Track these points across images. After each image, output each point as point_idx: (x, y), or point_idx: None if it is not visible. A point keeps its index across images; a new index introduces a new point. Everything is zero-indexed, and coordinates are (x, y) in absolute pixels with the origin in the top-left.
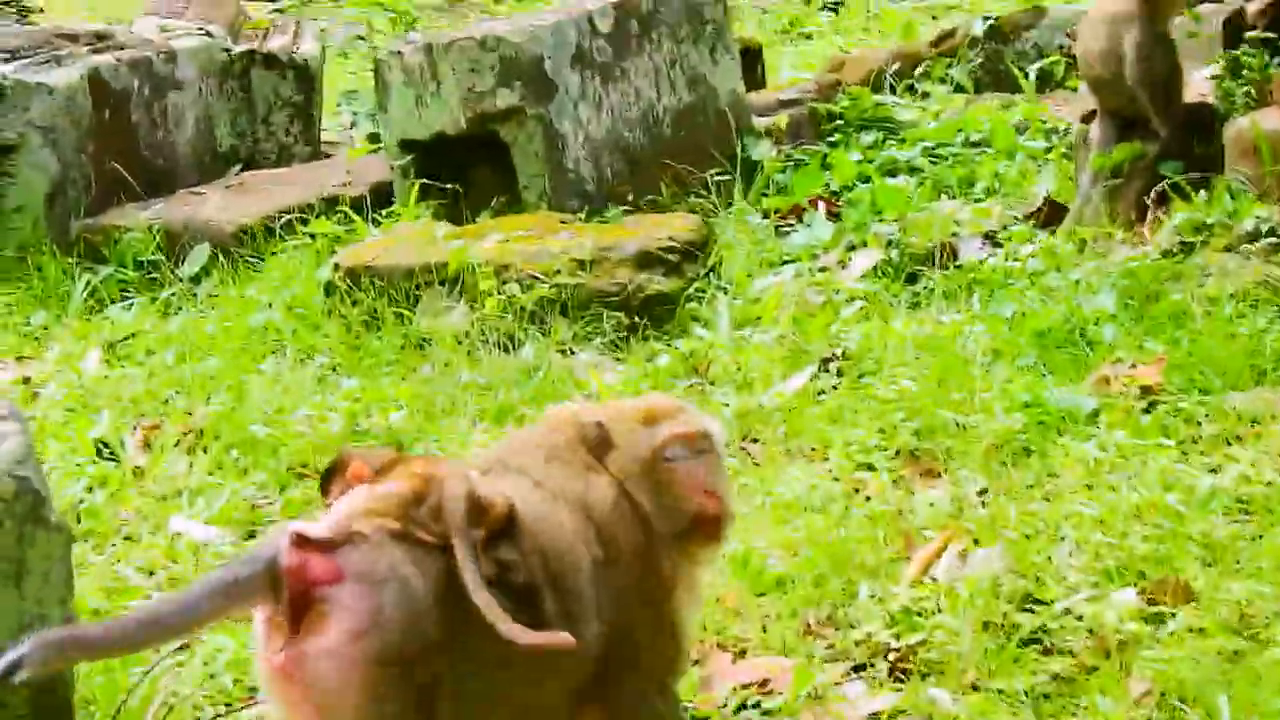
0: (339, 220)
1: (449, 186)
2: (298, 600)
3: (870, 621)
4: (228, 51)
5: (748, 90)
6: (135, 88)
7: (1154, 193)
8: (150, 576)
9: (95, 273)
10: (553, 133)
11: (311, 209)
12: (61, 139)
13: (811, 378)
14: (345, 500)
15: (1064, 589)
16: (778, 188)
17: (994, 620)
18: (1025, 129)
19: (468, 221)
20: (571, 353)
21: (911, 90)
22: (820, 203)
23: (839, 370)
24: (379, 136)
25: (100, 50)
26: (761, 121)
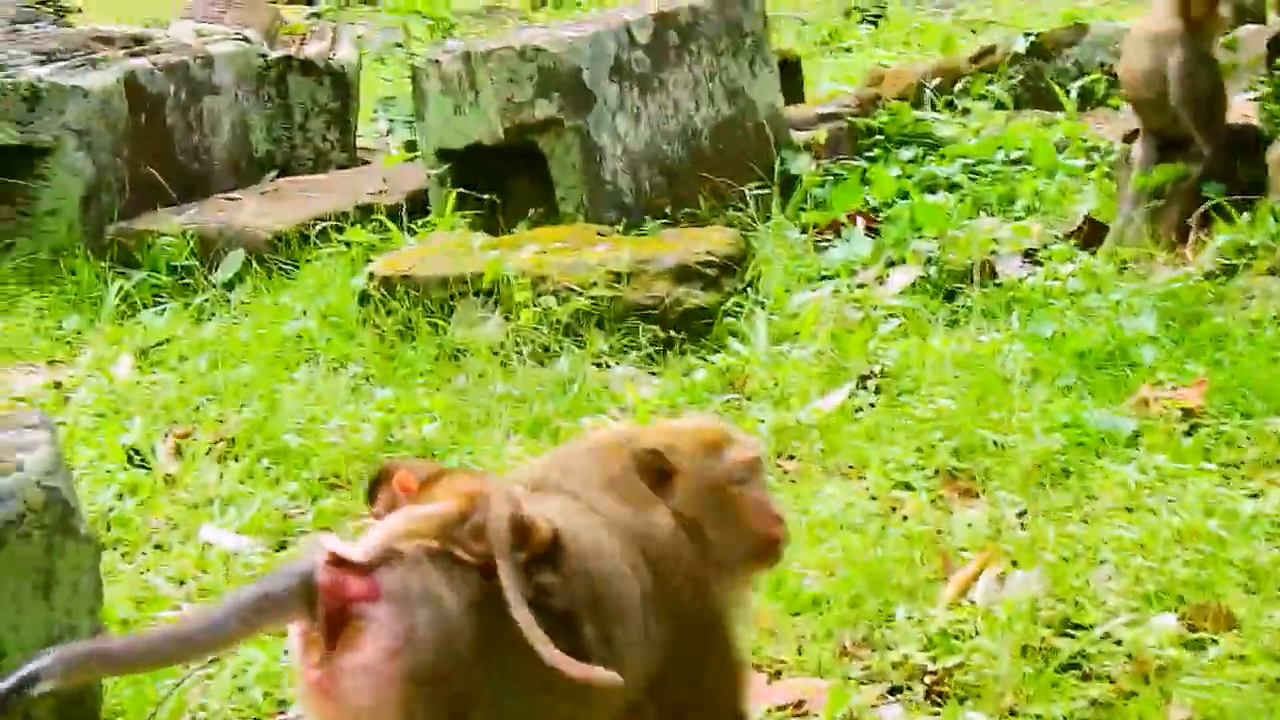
0: (374, 228)
1: (486, 196)
2: (334, 617)
3: (907, 643)
4: (264, 57)
5: (786, 103)
6: (171, 92)
7: (1197, 214)
8: (180, 586)
9: (128, 277)
10: (590, 144)
11: (347, 216)
12: (97, 142)
13: (849, 395)
14: (385, 522)
15: (1103, 613)
16: (816, 203)
17: (1032, 644)
18: (1066, 147)
19: (504, 232)
20: (607, 366)
21: (951, 106)
22: (859, 218)
23: (877, 388)
24: (415, 144)
25: (137, 54)
26: (800, 135)
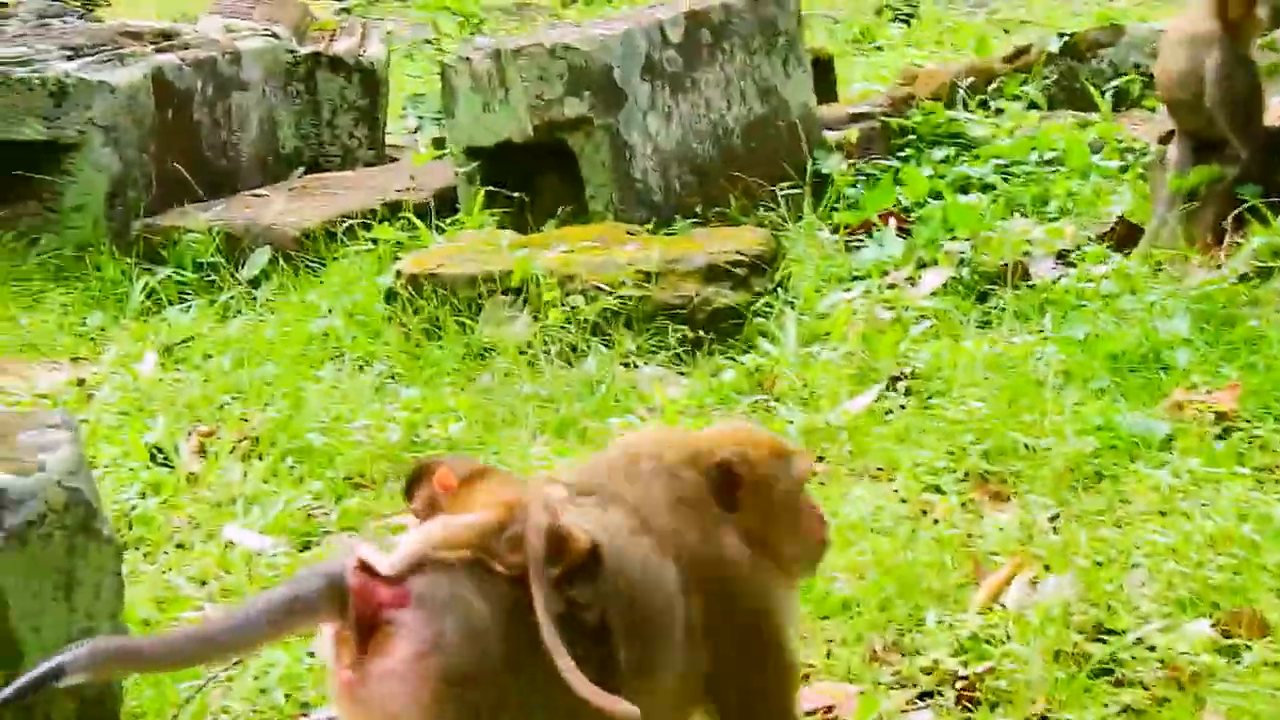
0: (402, 226)
1: (514, 195)
2: (364, 621)
3: (937, 648)
4: (293, 53)
5: (818, 102)
6: (199, 88)
7: (1232, 216)
8: (202, 586)
9: (154, 274)
10: (621, 143)
11: (374, 214)
12: (123, 138)
13: (879, 396)
14: (420, 531)
15: (1136, 619)
16: (848, 202)
17: (1064, 649)
18: (1100, 148)
19: (532, 230)
20: (635, 366)
21: (985, 106)
22: (891, 219)
23: (907, 389)
24: (444, 142)
25: (164, 49)
26: (832, 135)
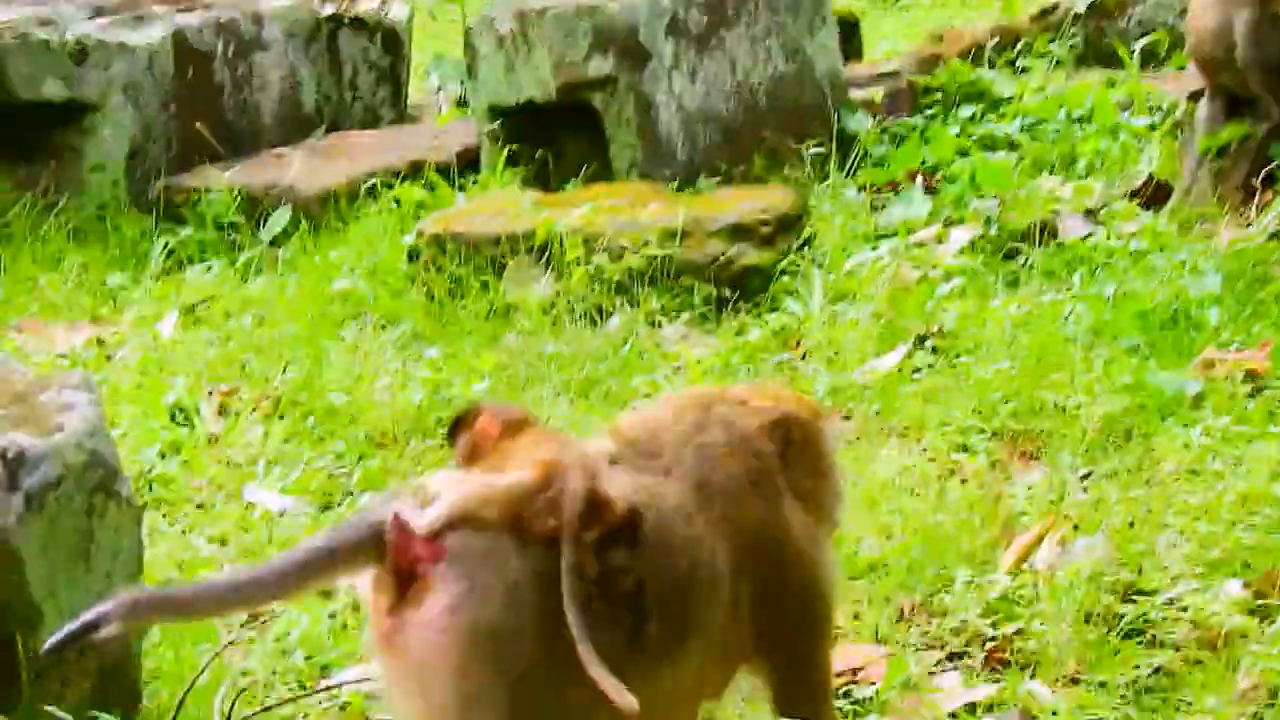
0: (424, 185)
1: (538, 154)
2: (401, 571)
3: (966, 609)
4: (315, 13)
5: (844, 61)
6: (220, 48)
7: (1262, 174)
8: (222, 547)
9: (174, 234)
10: (645, 102)
11: (397, 174)
12: (144, 99)
13: (906, 355)
14: (457, 490)
15: (1167, 579)
16: (874, 161)
17: (1095, 611)
18: (1129, 106)
19: (556, 189)
20: (659, 325)
21: (1012, 65)
22: (918, 177)
23: (934, 348)
24: (467, 101)
25: (185, 9)
26: (858, 93)
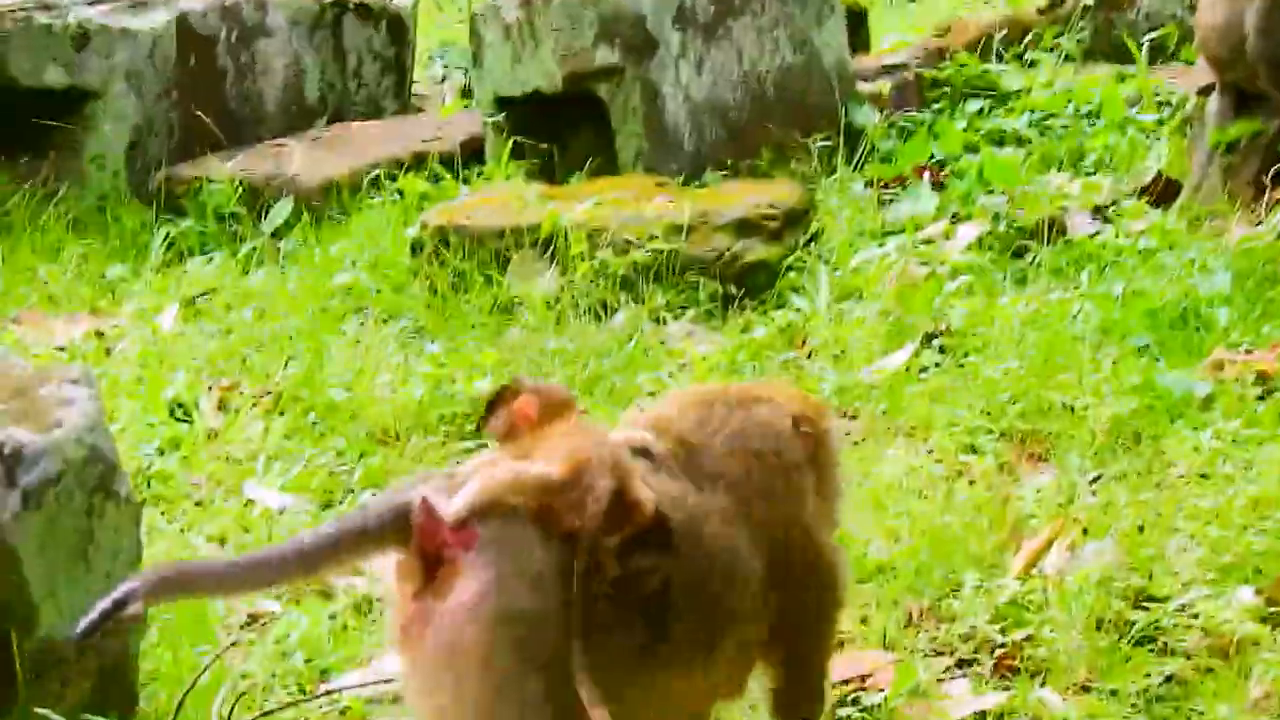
0: (428, 177)
1: (543, 146)
2: (428, 557)
3: (975, 615)
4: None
5: (852, 53)
6: (223, 35)
7: (1273, 171)
8: (222, 545)
9: (175, 224)
10: (652, 93)
11: (400, 164)
12: (145, 86)
13: (913, 354)
14: (485, 477)
15: (1178, 585)
16: (882, 156)
17: (1105, 617)
18: (1137, 101)
19: (561, 182)
20: (664, 322)
21: (1020, 58)
22: (925, 172)
23: (941, 347)
24: (471, 92)
25: None
26: (866, 87)
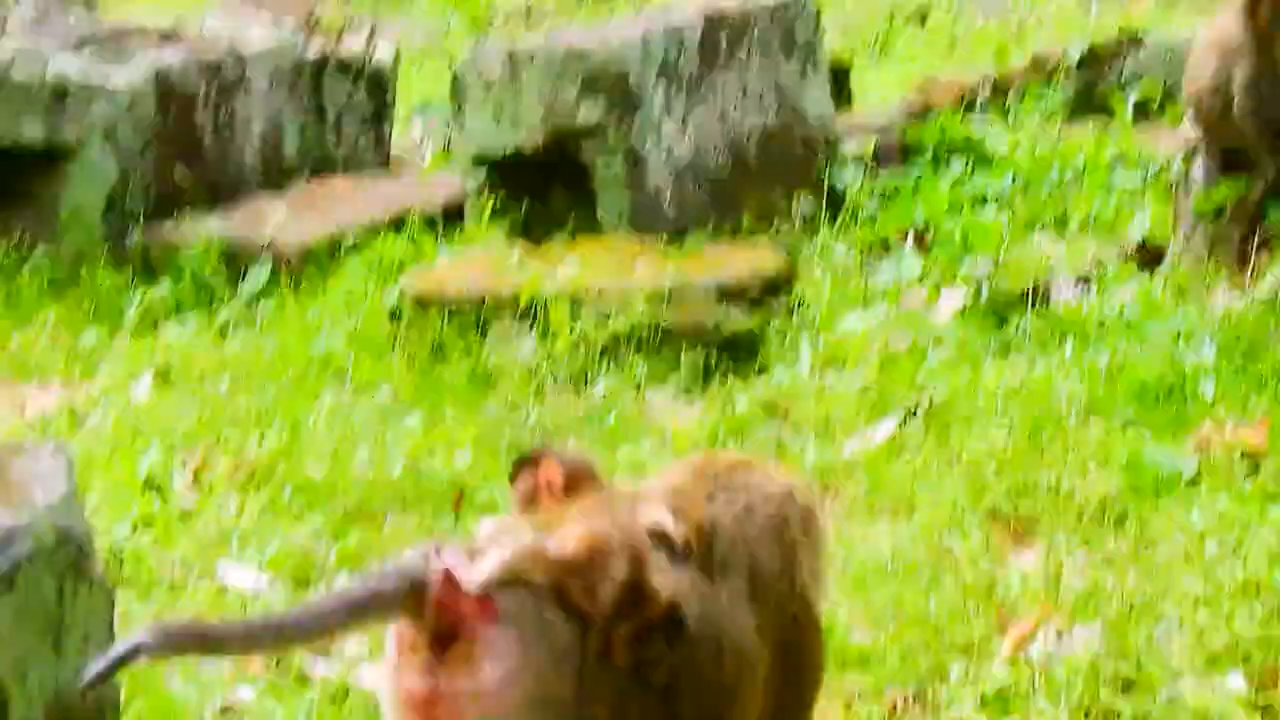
0: (408, 238)
1: (524, 205)
2: (443, 630)
3: (962, 703)
4: (300, 55)
5: (835, 110)
6: (202, 90)
7: (1257, 236)
8: None
9: (151, 287)
10: (635, 153)
11: (380, 224)
12: (123, 142)
13: (896, 429)
14: (505, 549)
15: (1167, 672)
16: (865, 217)
17: (1094, 707)
18: (1121, 162)
19: (542, 241)
20: (646, 391)
21: (1003, 116)
22: (909, 236)
23: (924, 422)
24: (452, 149)
25: (167, 49)
26: (849, 145)
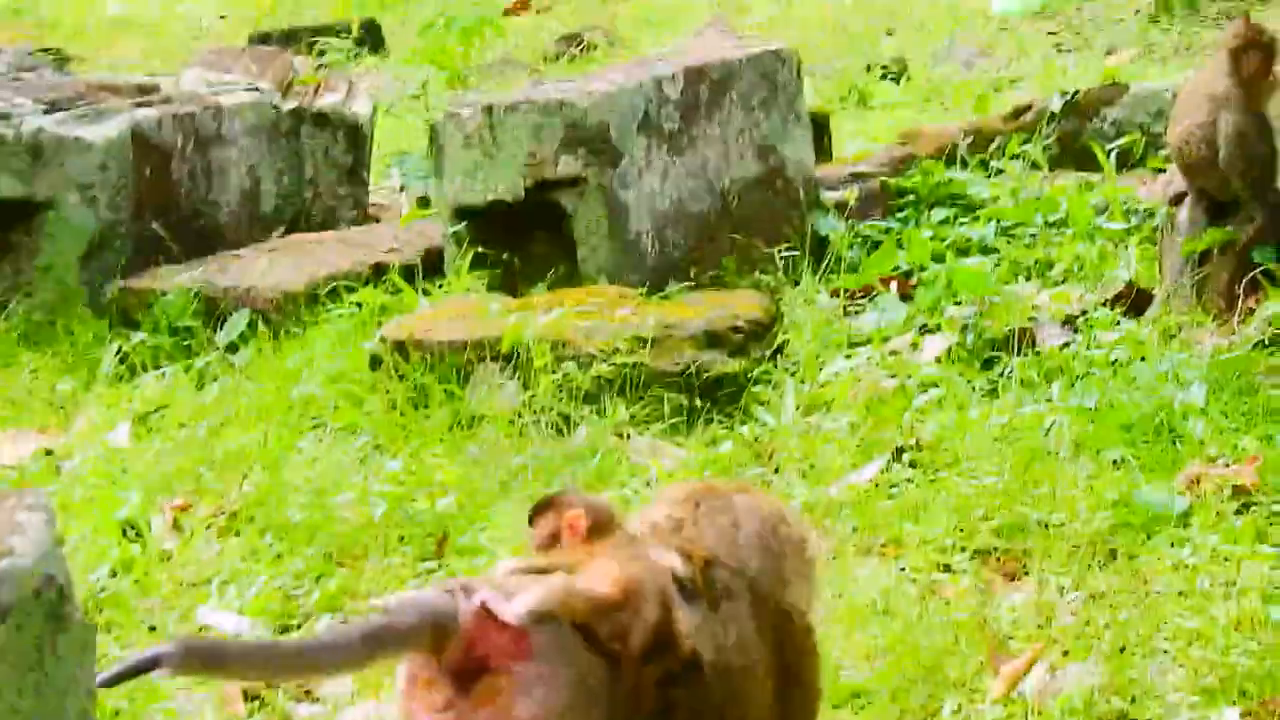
0: (387, 289)
1: (504, 256)
2: (470, 665)
3: None
4: (276, 109)
5: (815, 161)
6: (179, 144)
7: (1245, 281)
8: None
9: (128, 338)
10: (616, 203)
11: (359, 276)
12: (100, 196)
13: (883, 469)
14: (542, 584)
15: (1162, 709)
16: (848, 265)
17: None
18: (1105, 210)
19: (522, 292)
20: (628, 436)
21: (984, 166)
22: (892, 283)
23: (912, 462)
24: (429, 201)
25: (144, 104)
26: (830, 195)
